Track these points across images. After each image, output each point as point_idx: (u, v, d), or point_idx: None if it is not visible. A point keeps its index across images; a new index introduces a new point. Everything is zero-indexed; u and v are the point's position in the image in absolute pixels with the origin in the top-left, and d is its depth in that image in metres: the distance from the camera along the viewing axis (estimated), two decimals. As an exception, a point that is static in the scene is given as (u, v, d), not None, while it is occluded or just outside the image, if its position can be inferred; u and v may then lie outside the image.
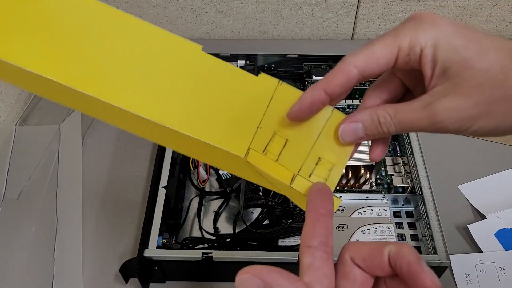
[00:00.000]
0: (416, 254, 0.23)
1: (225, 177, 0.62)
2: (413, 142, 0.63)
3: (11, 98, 0.74)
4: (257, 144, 0.30)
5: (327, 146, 0.30)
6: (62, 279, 0.55)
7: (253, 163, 0.30)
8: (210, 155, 0.33)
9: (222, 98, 0.30)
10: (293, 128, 0.30)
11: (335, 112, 0.30)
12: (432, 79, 0.28)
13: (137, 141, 0.71)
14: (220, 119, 0.30)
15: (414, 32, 0.27)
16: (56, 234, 0.59)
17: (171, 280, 0.55)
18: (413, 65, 0.28)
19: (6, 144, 0.70)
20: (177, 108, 0.30)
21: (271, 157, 0.30)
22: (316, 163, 0.30)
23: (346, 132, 0.30)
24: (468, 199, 0.63)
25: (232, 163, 0.33)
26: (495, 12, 0.86)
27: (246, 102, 0.31)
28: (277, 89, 0.30)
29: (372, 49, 0.28)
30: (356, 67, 0.28)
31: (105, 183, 0.66)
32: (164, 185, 0.57)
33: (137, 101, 0.29)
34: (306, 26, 0.90)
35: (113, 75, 0.29)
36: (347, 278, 0.25)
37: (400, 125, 0.28)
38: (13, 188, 0.65)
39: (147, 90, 0.30)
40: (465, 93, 0.26)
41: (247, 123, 0.31)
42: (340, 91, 0.29)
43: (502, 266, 0.55)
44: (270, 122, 0.30)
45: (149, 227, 0.53)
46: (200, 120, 0.30)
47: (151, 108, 0.29)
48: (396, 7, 0.85)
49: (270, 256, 0.50)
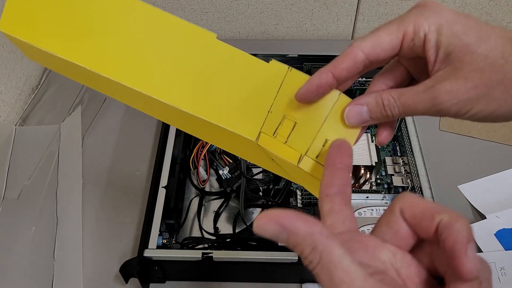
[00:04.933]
0: (467, 234, 0.21)
1: (225, 177, 0.62)
2: (413, 142, 0.62)
3: (11, 98, 0.74)
4: (268, 128, 0.32)
5: (334, 129, 0.31)
6: (62, 279, 0.55)
7: (264, 146, 0.31)
8: (222, 138, 0.34)
9: (235, 83, 0.32)
10: (301, 111, 0.31)
11: (342, 96, 0.31)
12: (435, 64, 0.28)
13: (137, 141, 0.71)
14: (233, 104, 0.32)
15: (418, 18, 0.28)
16: (56, 234, 0.59)
17: (171, 280, 0.55)
18: (417, 50, 0.29)
19: (6, 144, 0.70)
20: (193, 92, 0.32)
21: (280, 139, 0.32)
22: (323, 144, 0.31)
23: (352, 114, 0.30)
24: (468, 199, 0.63)
25: (242, 147, 0.34)
26: (495, 12, 0.86)
27: (258, 88, 0.32)
28: (287, 75, 0.32)
29: (378, 34, 0.29)
30: (363, 51, 0.29)
31: (105, 183, 0.65)
32: (164, 185, 0.57)
33: (153, 84, 0.31)
34: (306, 26, 0.90)
35: (132, 59, 0.31)
36: (390, 227, 0.24)
37: (403, 107, 0.29)
38: (13, 188, 0.65)
39: (163, 73, 0.31)
40: (465, 76, 0.27)
41: (258, 107, 0.32)
42: (347, 75, 0.30)
43: (502, 266, 0.55)
44: (280, 107, 0.32)
45: (149, 227, 0.53)
46: (214, 104, 0.32)
47: (166, 91, 0.31)
48: (396, 7, 0.85)
49: (270, 256, 0.50)
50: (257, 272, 0.53)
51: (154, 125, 0.73)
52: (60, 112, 0.75)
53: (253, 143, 0.32)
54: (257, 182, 0.61)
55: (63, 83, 0.79)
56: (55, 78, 0.80)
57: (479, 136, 0.70)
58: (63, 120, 0.72)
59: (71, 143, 0.69)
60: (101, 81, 0.32)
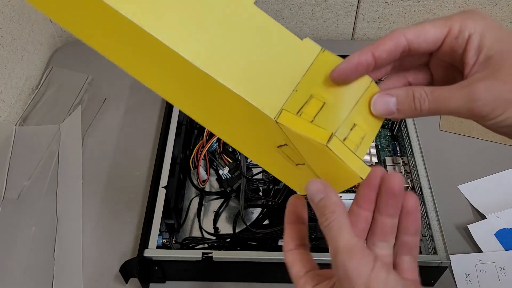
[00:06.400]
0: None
1: (225, 177, 0.62)
2: (413, 142, 0.62)
3: (11, 98, 0.74)
4: (291, 106, 0.30)
5: (362, 115, 0.30)
6: (62, 279, 0.55)
7: (285, 124, 0.29)
8: (230, 120, 0.32)
9: (263, 54, 0.30)
10: (331, 92, 0.30)
11: (373, 84, 0.30)
12: (474, 67, 0.29)
13: (137, 141, 0.71)
14: (256, 75, 0.30)
15: (464, 19, 0.29)
16: (56, 234, 0.59)
17: (171, 280, 0.55)
18: (458, 50, 0.29)
19: (6, 144, 0.70)
20: (215, 53, 0.29)
21: (306, 118, 0.29)
22: (351, 128, 0.29)
23: (379, 103, 0.30)
24: (468, 199, 0.63)
25: (250, 134, 0.32)
26: (495, 12, 0.86)
27: (286, 64, 0.30)
28: (319, 55, 0.31)
29: (423, 25, 0.30)
30: (405, 37, 0.29)
31: (105, 183, 0.66)
32: (164, 185, 0.57)
33: (181, 42, 0.29)
34: (306, 26, 0.90)
35: (166, 17, 0.29)
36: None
37: (435, 102, 0.29)
38: (13, 188, 0.65)
39: (192, 34, 0.29)
40: (505, 78, 0.28)
41: (283, 84, 0.30)
42: (386, 57, 0.30)
43: (502, 266, 0.55)
44: (308, 86, 0.30)
45: (149, 227, 0.53)
46: (236, 73, 0.29)
47: (186, 44, 0.29)
48: (396, 7, 0.85)
49: (270, 256, 0.50)
50: (257, 272, 0.53)
51: (154, 125, 0.73)
52: (60, 112, 0.74)
53: (265, 121, 0.29)
54: (257, 182, 0.61)
55: (63, 83, 0.79)
56: (55, 78, 0.80)
57: (479, 136, 0.70)
58: (63, 120, 0.72)
59: (71, 143, 0.69)
60: (115, 27, 0.29)
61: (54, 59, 0.85)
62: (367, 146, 0.30)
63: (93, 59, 0.81)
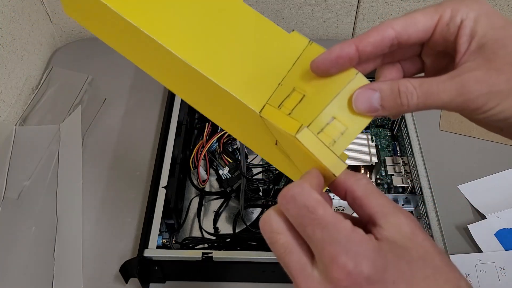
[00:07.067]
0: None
1: (225, 177, 0.62)
2: (413, 142, 0.62)
3: (11, 98, 0.74)
4: (275, 100, 0.29)
5: (344, 109, 0.28)
6: (62, 279, 0.55)
7: (266, 117, 0.29)
8: (223, 110, 0.32)
9: (250, 50, 0.30)
10: (313, 85, 0.29)
11: (360, 77, 0.28)
12: (465, 55, 0.27)
13: (137, 141, 0.71)
14: (244, 71, 0.30)
15: (457, 4, 0.27)
16: (56, 234, 0.59)
17: (171, 280, 0.55)
18: (449, 38, 0.27)
19: (6, 144, 0.70)
20: (205, 50, 0.29)
21: (284, 111, 0.29)
22: (328, 122, 0.28)
23: (360, 99, 0.28)
24: (468, 199, 0.63)
25: (242, 123, 0.32)
26: (495, 12, 0.86)
27: (273, 58, 0.30)
28: (306, 49, 0.30)
29: (413, 15, 0.28)
30: (393, 29, 0.27)
31: (105, 183, 0.66)
32: (164, 185, 0.57)
33: (167, 35, 0.29)
34: (306, 26, 0.90)
35: (153, 10, 0.30)
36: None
37: (424, 96, 0.27)
38: (13, 188, 0.65)
39: (179, 27, 0.30)
40: (499, 68, 0.26)
41: (269, 79, 0.30)
42: (371, 51, 0.28)
43: (502, 266, 0.55)
44: (292, 80, 0.29)
45: (149, 227, 0.53)
46: (225, 69, 0.30)
47: (178, 44, 0.29)
48: (396, 7, 0.85)
49: (270, 256, 0.50)
50: (257, 272, 0.53)
51: (154, 125, 0.73)
52: (60, 112, 0.74)
53: (255, 116, 0.29)
54: (257, 182, 0.61)
55: (63, 83, 0.79)
56: (55, 78, 0.80)
57: (479, 136, 0.70)
58: (63, 120, 0.72)
59: (71, 143, 0.69)
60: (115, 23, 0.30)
61: (54, 59, 0.85)
62: (347, 142, 0.28)
63: (93, 59, 0.82)
